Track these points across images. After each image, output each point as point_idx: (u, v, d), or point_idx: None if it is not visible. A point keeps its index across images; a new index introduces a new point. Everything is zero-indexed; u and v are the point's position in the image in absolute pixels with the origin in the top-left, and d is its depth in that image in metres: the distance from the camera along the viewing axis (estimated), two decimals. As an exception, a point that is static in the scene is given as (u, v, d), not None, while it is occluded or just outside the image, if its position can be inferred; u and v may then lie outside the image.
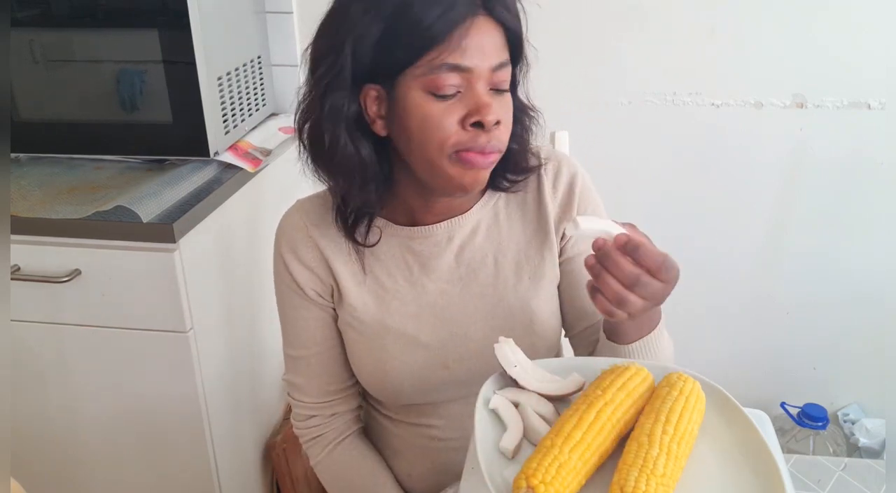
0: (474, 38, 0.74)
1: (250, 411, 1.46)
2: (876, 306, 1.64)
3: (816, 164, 1.55)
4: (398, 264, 0.90)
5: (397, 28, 0.74)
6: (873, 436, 1.66)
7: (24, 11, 1.24)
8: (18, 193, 1.24)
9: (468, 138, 0.76)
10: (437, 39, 0.73)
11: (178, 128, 1.28)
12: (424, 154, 0.78)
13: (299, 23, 1.58)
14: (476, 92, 0.76)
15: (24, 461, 1.36)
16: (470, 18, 0.74)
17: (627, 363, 0.73)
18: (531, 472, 0.59)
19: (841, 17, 1.43)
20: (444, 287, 0.90)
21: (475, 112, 0.75)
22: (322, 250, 0.90)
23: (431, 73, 0.74)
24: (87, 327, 1.23)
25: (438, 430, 0.95)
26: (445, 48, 0.74)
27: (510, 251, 0.91)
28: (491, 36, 0.76)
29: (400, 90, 0.76)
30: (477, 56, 0.75)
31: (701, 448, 0.66)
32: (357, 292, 0.90)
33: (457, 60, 0.74)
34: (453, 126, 0.76)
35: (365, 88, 0.78)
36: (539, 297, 0.91)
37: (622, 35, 1.51)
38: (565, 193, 0.92)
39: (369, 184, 0.82)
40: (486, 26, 0.75)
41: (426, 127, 0.76)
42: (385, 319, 0.90)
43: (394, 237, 0.90)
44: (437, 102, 0.75)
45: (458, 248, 0.90)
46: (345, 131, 0.79)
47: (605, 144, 1.58)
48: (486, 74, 0.76)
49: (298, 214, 0.92)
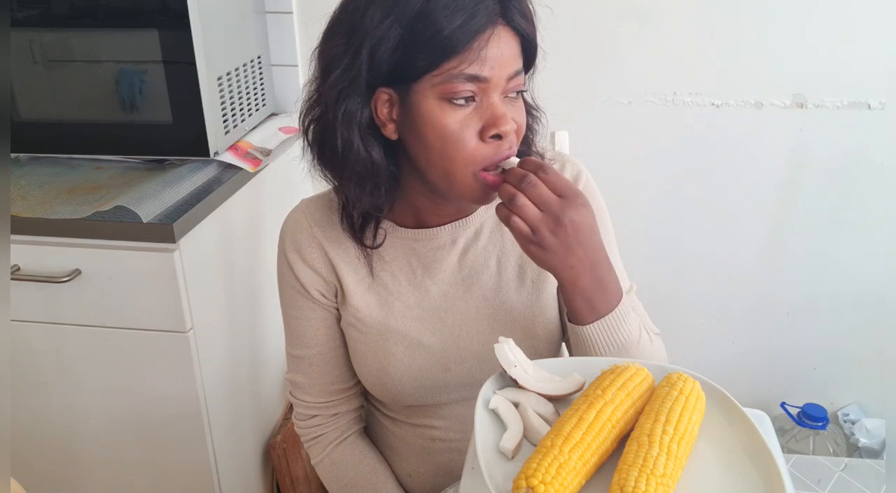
0: (493, 48, 0.74)
1: (250, 411, 1.46)
2: (876, 306, 1.64)
3: (816, 164, 1.55)
4: (402, 266, 0.90)
5: (417, 35, 0.73)
6: (873, 436, 1.66)
7: (24, 11, 1.24)
8: (18, 193, 1.24)
9: (491, 152, 0.77)
10: (457, 49, 0.73)
11: (178, 128, 1.28)
12: (445, 165, 0.78)
13: (299, 23, 1.58)
14: (491, 101, 0.76)
15: (24, 461, 1.36)
16: (490, 28, 0.74)
17: (627, 363, 0.73)
18: (531, 472, 0.59)
19: (841, 17, 1.43)
20: (447, 290, 0.90)
21: (492, 125, 0.76)
22: (326, 251, 0.90)
23: (449, 81, 0.74)
24: (87, 327, 1.23)
25: (440, 431, 0.95)
26: (465, 58, 0.73)
27: (513, 255, 0.91)
28: (508, 45, 0.76)
29: (415, 96, 0.76)
30: (495, 66, 0.75)
31: (701, 448, 0.66)
32: (360, 294, 0.90)
33: (476, 71, 0.74)
34: (473, 140, 0.76)
35: (377, 92, 0.78)
36: (541, 300, 0.91)
37: (622, 35, 1.51)
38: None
39: (380, 188, 0.82)
40: (505, 36, 0.75)
41: (446, 140, 0.76)
42: (388, 320, 0.90)
43: (398, 240, 0.90)
44: (452, 110, 0.75)
45: (461, 251, 0.90)
46: (358, 136, 0.79)
47: (605, 144, 1.58)
48: (501, 84, 0.76)
49: (303, 215, 0.92)
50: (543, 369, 0.75)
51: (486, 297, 0.90)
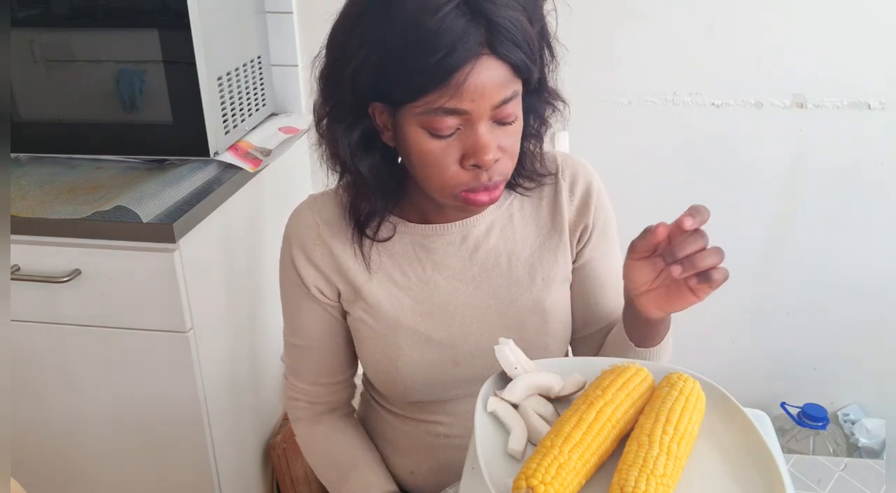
0: (474, 81, 0.71)
1: (250, 411, 1.47)
2: (876, 305, 1.64)
3: (816, 164, 1.55)
4: (411, 262, 0.90)
5: (395, 66, 0.72)
6: (873, 436, 1.66)
7: (24, 11, 1.24)
8: (18, 193, 1.24)
9: (470, 178, 0.77)
10: (435, 84, 0.71)
11: (178, 128, 1.28)
12: (427, 186, 0.80)
13: (299, 23, 1.58)
14: (475, 131, 0.74)
15: (24, 461, 1.36)
16: (471, 62, 0.70)
17: (627, 363, 0.73)
18: (531, 472, 0.59)
19: (841, 17, 1.43)
20: (457, 286, 0.90)
21: (472, 154, 0.75)
22: (332, 248, 0.90)
23: (429, 114, 0.73)
24: (87, 327, 1.23)
25: (444, 427, 0.95)
26: (444, 93, 0.71)
27: (524, 253, 0.91)
28: (495, 75, 0.72)
29: (401, 119, 0.76)
30: (477, 99, 0.72)
31: (701, 448, 0.66)
32: (370, 289, 0.90)
33: (455, 105, 0.72)
34: (453, 166, 0.76)
35: (373, 103, 0.78)
36: (552, 297, 0.91)
37: (622, 35, 1.51)
38: (582, 198, 0.92)
39: (378, 192, 0.84)
40: (489, 66, 0.71)
41: (427, 164, 0.77)
42: (398, 315, 0.90)
43: (407, 235, 0.90)
44: (434, 140, 0.75)
45: (472, 248, 0.90)
46: (350, 153, 0.80)
47: (605, 144, 1.58)
48: (485, 114, 0.74)
49: (310, 211, 0.92)
50: (544, 370, 0.76)
51: (497, 294, 0.90)
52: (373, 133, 0.81)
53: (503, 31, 0.71)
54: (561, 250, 0.92)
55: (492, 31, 0.70)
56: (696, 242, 0.70)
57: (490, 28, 0.70)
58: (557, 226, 0.92)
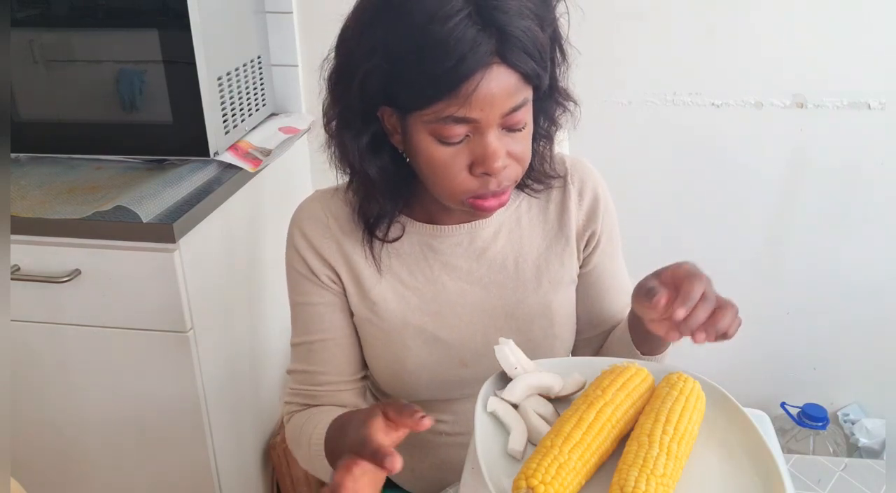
0: (484, 90, 0.70)
1: (250, 411, 1.46)
2: (876, 305, 1.64)
3: (816, 164, 1.55)
4: (418, 261, 0.90)
5: (405, 74, 0.72)
6: (873, 436, 1.65)
7: (24, 11, 1.24)
8: (18, 193, 1.24)
9: (478, 185, 0.77)
10: (445, 93, 0.70)
11: (178, 128, 1.28)
12: (435, 190, 0.80)
13: (299, 23, 1.58)
14: (484, 139, 0.74)
15: (24, 461, 1.36)
16: (481, 71, 0.69)
17: (627, 363, 0.73)
18: (531, 472, 0.59)
19: (841, 16, 1.43)
20: (465, 287, 0.90)
21: (481, 162, 0.75)
22: (342, 245, 0.89)
23: (438, 122, 0.73)
24: (87, 327, 1.23)
25: (447, 425, 0.95)
26: (453, 102, 0.71)
27: (531, 255, 0.91)
28: (505, 84, 0.72)
29: (410, 124, 0.76)
30: (486, 108, 0.72)
31: (701, 448, 0.67)
32: (377, 288, 0.90)
33: (464, 114, 0.72)
34: (462, 172, 0.76)
35: (382, 107, 0.78)
36: (558, 299, 0.92)
37: (622, 35, 1.51)
38: (591, 204, 0.92)
39: (387, 194, 0.84)
40: (499, 75, 0.71)
41: (435, 169, 0.77)
42: (406, 314, 0.90)
43: (415, 235, 0.90)
44: (443, 146, 0.75)
45: (479, 250, 0.90)
46: (360, 156, 0.80)
47: (604, 144, 1.57)
48: (495, 122, 0.73)
49: (319, 205, 0.91)
50: (544, 370, 0.76)
51: (504, 295, 0.91)
52: (381, 136, 0.80)
53: (514, 40, 0.70)
54: (567, 253, 0.92)
55: (503, 41, 0.70)
56: (706, 309, 0.72)
57: (501, 37, 0.70)
58: (565, 230, 0.92)
